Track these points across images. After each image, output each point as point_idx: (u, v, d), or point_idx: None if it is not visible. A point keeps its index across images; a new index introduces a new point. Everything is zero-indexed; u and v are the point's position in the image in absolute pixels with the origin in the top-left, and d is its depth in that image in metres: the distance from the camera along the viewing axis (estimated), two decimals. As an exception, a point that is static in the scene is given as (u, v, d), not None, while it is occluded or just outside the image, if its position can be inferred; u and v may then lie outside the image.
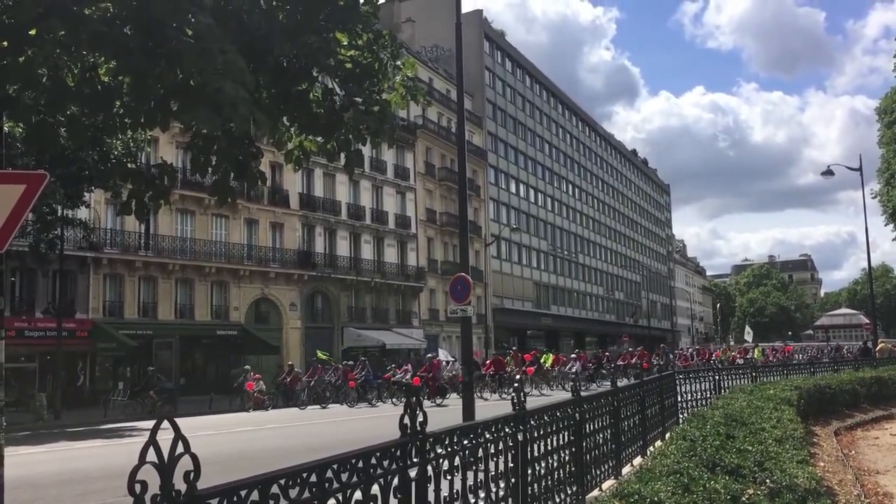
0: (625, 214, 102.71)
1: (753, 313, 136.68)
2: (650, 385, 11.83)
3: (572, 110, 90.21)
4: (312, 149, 6.35)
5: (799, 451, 6.94)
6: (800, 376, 20.78)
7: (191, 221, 38.83)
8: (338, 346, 45.49)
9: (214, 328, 38.72)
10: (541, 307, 72.97)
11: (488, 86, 68.57)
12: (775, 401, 11.53)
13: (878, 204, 39.90)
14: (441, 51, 64.27)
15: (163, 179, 5.96)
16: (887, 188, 37.84)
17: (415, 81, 7.09)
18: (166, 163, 6.64)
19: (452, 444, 4.60)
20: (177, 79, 4.89)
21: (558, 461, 6.76)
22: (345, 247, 47.81)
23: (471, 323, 15.75)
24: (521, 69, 77.29)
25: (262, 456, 13.51)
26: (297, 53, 5.29)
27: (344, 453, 3.53)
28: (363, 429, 18.60)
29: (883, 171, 38.90)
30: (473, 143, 61.95)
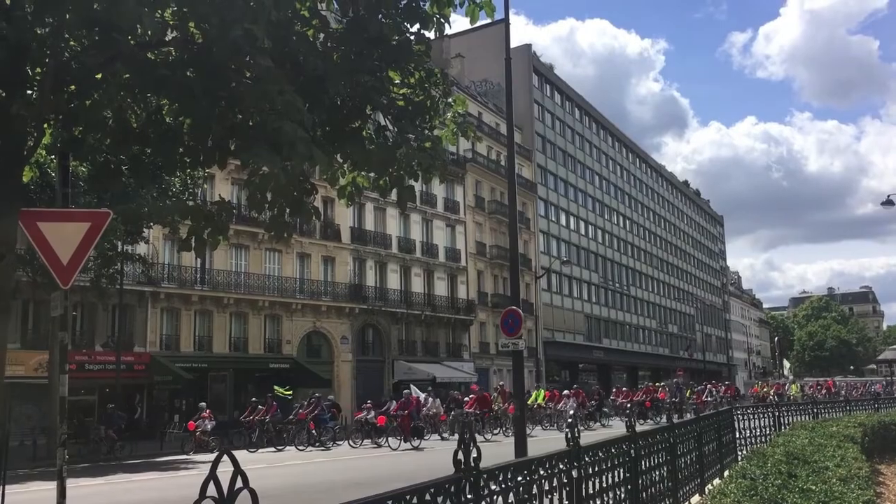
0: (677, 246, 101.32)
1: (813, 347, 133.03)
2: (707, 421, 11.57)
3: (622, 142, 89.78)
4: (365, 185, 6.44)
5: (865, 490, 6.71)
6: (863, 413, 20.11)
7: (245, 256, 39.50)
8: (388, 379, 45.53)
9: (267, 361, 39.13)
10: (592, 340, 72.10)
11: (537, 119, 68.73)
12: (838, 438, 11.16)
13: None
14: (490, 85, 64.75)
15: (221, 216, 6.10)
16: (951, 217, 36.74)
17: (465, 117, 7.16)
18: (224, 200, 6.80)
19: (507, 481, 4.56)
20: (236, 119, 5.03)
21: (614, 499, 6.64)
22: (395, 280, 48.04)
23: (522, 356, 15.63)
24: (570, 101, 77.35)
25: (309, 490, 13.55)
26: (351, 93, 5.40)
27: (399, 489, 3.52)
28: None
29: (946, 200, 37.73)
30: (523, 175, 62.00)
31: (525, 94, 65.35)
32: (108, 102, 4.94)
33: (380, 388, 42.37)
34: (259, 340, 39.63)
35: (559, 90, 74.92)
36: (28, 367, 29.10)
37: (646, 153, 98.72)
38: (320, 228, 42.65)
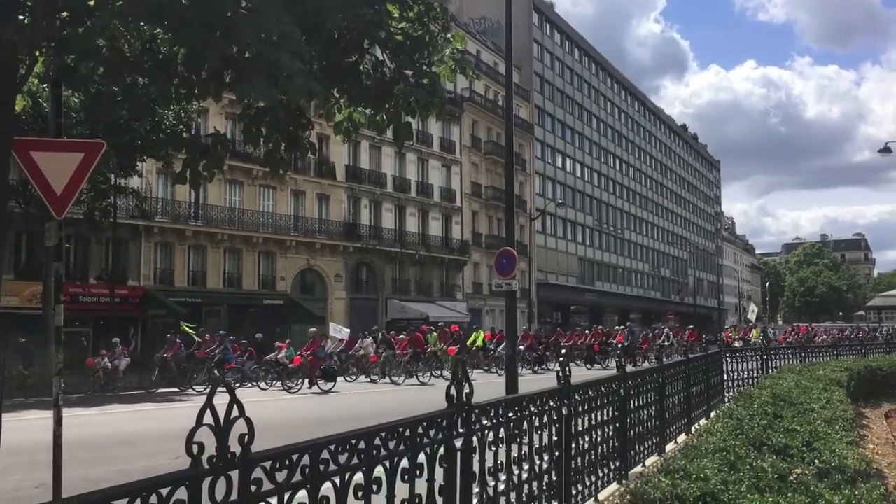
0: (673, 190, 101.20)
1: (804, 293, 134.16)
2: (696, 363, 11.75)
3: (621, 84, 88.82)
4: (361, 121, 6.37)
5: (849, 432, 6.85)
6: (850, 357, 20.43)
7: (239, 192, 39.36)
8: (382, 317, 45.88)
9: (261, 297, 39.35)
10: (585, 283, 72.57)
11: (536, 58, 67.82)
12: (825, 381, 11.35)
13: (938, 183, 38.73)
14: (489, 23, 63.69)
15: (216, 148, 6.05)
16: (948, 167, 36.70)
17: (464, 54, 7.06)
18: (219, 132, 6.74)
19: (497, 416, 4.65)
20: (232, 50, 4.94)
21: (602, 436, 6.79)
22: (390, 219, 48.03)
23: (515, 297, 15.74)
24: (570, 42, 76.24)
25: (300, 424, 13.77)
26: (348, 25, 5.29)
27: (392, 422, 3.59)
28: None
29: (944, 149, 37.63)
30: (520, 116, 61.46)
31: (524, 33, 64.31)
32: (101, 30, 4.84)
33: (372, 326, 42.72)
34: (253, 277, 39.78)
35: (559, 29, 73.77)
36: (22, 298, 29.24)
37: (644, 96, 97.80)
38: (315, 166, 42.41)
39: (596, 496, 6.42)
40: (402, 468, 3.58)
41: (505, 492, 4.65)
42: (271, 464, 2.79)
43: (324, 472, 3.05)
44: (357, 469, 3.26)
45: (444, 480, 3.92)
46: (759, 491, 4.18)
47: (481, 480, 4.32)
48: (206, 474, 2.50)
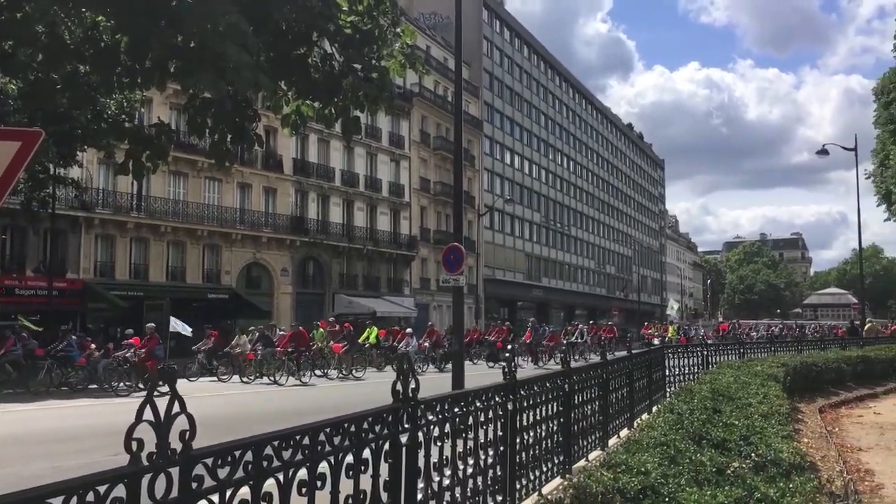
0: (618, 188, 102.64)
1: (743, 290, 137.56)
2: (639, 359, 11.94)
3: (569, 82, 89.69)
4: (309, 114, 6.32)
5: (784, 426, 7.04)
6: (787, 353, 21.00)
7: (184, 184, 38.67)
8: (329, 312, 45.58)
9: (206, 291, 38.74)
10: (532, 279, 73.16)
11: (486, 55, 68.05)
12: (762, 377, 11.66)
13: (872, 185, 40.01)
14: (439, 18, 63.67)
15: (160, 139, 5.93)
16: (881, 169, 37.90)
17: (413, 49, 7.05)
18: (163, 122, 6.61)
19: (444, 412, 4.66)
20: (176, 40, 4.84)
21: (547, 431, 6.85)
22: (338, 213, 47.73)
23: (462, 293, 15.81)
24: (520, 39, 76.67)
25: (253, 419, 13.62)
26: (297, 17, 5.24)
27: (337, 417, 3.57)
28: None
29: (878, 152, 38.90)
30: (469, 112, 61.63)
31: (474, 30, 64.48)
32: (40, 16, 4.70)
33: (320, 321, 42.45)
34: (197, 270, 39.15)
35: (509, 27, 74.13)
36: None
37: (592, 94, 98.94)
38: (262, 158, 41.90)
39: (540, 490, 6.48)
40: (346, 464, 3.57)
41: (450, 486, 4.67)
42: (213, 460, 2.75)
43: (267, 469, 3.02)
44: (301, 465, 3.24)
45: (389, 476, 3.92)
46: (698, 484, 4.27)
47: (426, 475, 4.33)
48: (145, 471, 2.45)
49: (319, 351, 26.66)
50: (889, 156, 36.52)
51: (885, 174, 36.97)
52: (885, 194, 37.40)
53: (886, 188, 36.88)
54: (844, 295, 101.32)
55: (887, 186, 36.65)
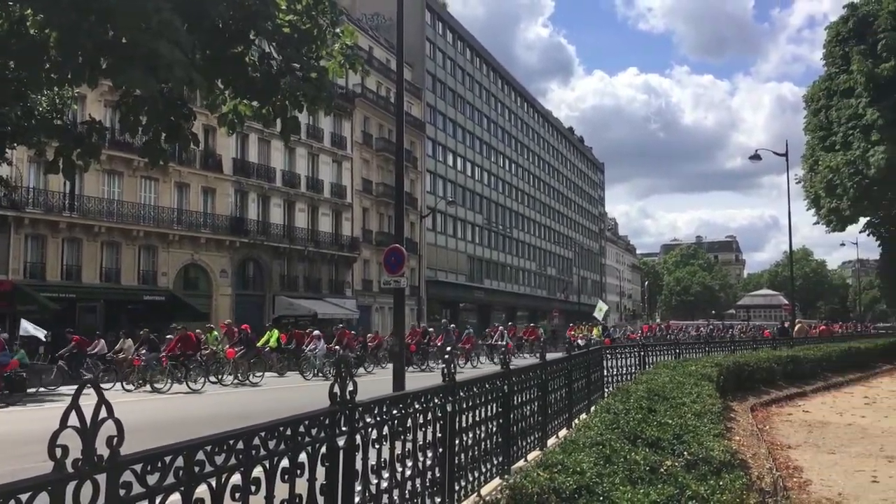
0: (559, 191, 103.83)
1: (680, 292, 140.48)
2: (578, 359, 12.07)
3: (511, 86, 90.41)
4: (247, 113, 6.23)
5: (716, 425, 7.21)
6: (720, 354, 21.52)
7: (119, 183, 37.75)
8: (269, 314, 45.07)
9: (141, 293, 37.88)
10: (474, 281, 73.50)
11: (429, 57, 68.15)
12: (696, 377, 11.92)
13: (802, 189, 41.35)
14: (382, 19, 63.53)
15: (91, 137, 5.78)
16: (810, 174, 39.18)
17: (354, 50, 7.01)
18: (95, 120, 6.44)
19: (382, 414, 4.64)
20: (107, 35, 4.72)
21: (486, 432, 6.88)
22: (278, 214, 47.19)
23: (404, 294, 15.78)
24: (462, 42, 77.00)
25: (190, 423, 13.37)
26: (233, 15, 5.16)
27: (272, 421, 3.53)
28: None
29: (807, 158, 40.23)
30: (412, 114, 61.63)
31: (417, 31, 64.54)
32: (-37, 9, 4.54)
33: (260, 323, 41.89)
34: (133, 271, 38.25)
35: (452, 29, 74.38)
36: None
37: (533, 98, 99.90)
38: (200, 158, 41.19)
39: (479, 491, 6.51)
40: (282, 468, 3.53)
41: (388, 489, 4.65)
42: (142, 466, 2.69)
43: (199, 474, 2.97)
44: (234, 470, 3.19)
45: (325, 479, 3.89)
46: (632, 483, 4.35)
47: (364, 478, 4.31)
48: (70, 478, 2.39)
49: (213, 355, 24.98)
50: (818, 161, 37.79)
51: (814, 179, 38.22)
52: (815, 199, 38.67)
53: (815, 193, 38.12)
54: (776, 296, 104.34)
55: (816, 191, 37.90)
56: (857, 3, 38.03)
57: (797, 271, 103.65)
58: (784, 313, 78.36)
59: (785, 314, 73.68)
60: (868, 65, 33.21)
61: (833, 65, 38.38)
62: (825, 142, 37.50)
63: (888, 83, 32.57)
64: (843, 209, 36.02)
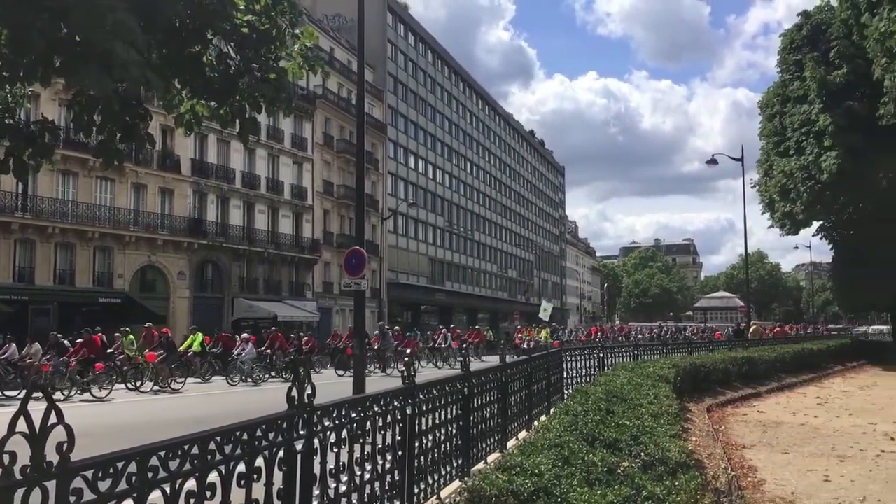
0: (520, 194, 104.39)
1: (639, 294, 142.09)
2: (538, 362, 12.14)
3: (473, 88, 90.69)
4: (205, 113, 6.15)
5: (672, 426, 7.31)
6: (678, 355, 21.82)
7: (73, 183, 37.02)
8: (228, 316, 44.59)
9: (96, 295, 37.18)
10: (435, 283, 73.52)
11: (390, 59, 68.05)
12: (654, 378, 12.07)
13: (757, 193, 42.11)
14: (343, 20, 63.31)
15: (44, 137, 5.66)
16: (765, 179, 39.93)
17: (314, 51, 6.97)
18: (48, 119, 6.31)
19: (340, 417, 4.62)
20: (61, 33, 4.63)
21: (446, 434, 6.88)
22: (238, 216, 46.69)
23: (364, 297, 15.72)
24: (424, 44, 77.04)
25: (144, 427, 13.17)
26: (191, 14, 5.09)
27: (228, 425, 3.49)
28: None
29: (762, 163, 41.00)
30: (373, 116, 61.48)
31: (379, 33, 64.42)
32: None
33: (219, 326, 41.41)
34: (88, 273, 37.54)
35: (413, 31, 74.38)
36: None
37: (494, 101, 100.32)
38: (158, 158, 40.59)
39: (438, 494, 6.51)
40: (238, 473, 3.50)
41: (346, 493, 4.63)
42: (93, 472, 2.65)
43: (152, 480, 2.93)
44: (189, 475, 3.16)
45: (283, 484, 3.86)
46: (589, 484, 4.38)
47: (322, 482, 4.29)
48: (18, 485, 2.34)
49: (128, 360, 23.45)
50: (773, 166, 38.52)
51: (769, 183, 38.95)
52: (769, 202, 39.41)
53: (770, 197, 38.85)
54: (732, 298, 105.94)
55: (771, 195, 38.62)
56: (810, 12, 38.89)
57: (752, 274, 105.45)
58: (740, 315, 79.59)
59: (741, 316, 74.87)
60: (821, 72, 33.95)
61: (787, 71, 39.17)
62: (779, 147, 38.24)
63: (840, 90, 33.35)
64: (797, 213, 36.75)
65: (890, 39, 24.00)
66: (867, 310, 59.29)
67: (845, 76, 33.04)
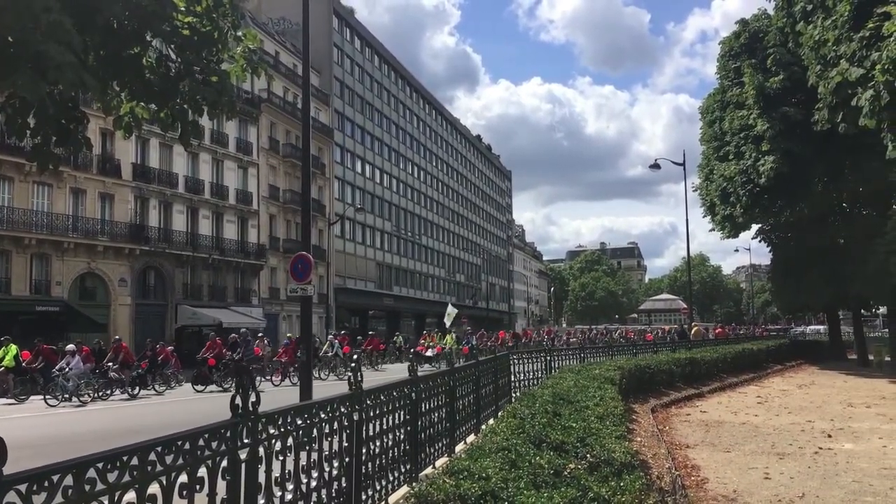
0: (467, 198, 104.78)
1: (585, 297, 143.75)
2: (485, 365, 12.17)
3: (419, 93, 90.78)
4: (145, 116, 6.02)
5: (618, 427, 7.40)
6: (623, 357, 22.11)
7: (8, 188, 35.93)
8: (171, 324, 43.75)
9: (34, 304, 36.13)
10: (383, 288, 73.29)
11: (336, 63, 67.71)
12: (599, 380, 12.20)
13: (698, 197, 42.97)
14: (289, 24, 62.77)
15: (-26, 141, 5.47)
16: (706, 183, 40.76)
17: (258, 54, 6.89)
18: (-21, 123, 6.10)
19: (286, 425, 4.57)
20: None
21: (394, 440, 6.85)
22: (181, 221, 45.86)
23: (311, 302, 15.58)
24: (370, 48, 76.85)
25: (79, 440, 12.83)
26: (129, 15, 4.98)
27: (169, 435, 3.42)
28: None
29: (703, 167, 41.85)
30: (319, 120, 61.07)
31: (324, 37, 64.08)
32: None
33: (161, 333, 40.59)
34: (24, 281, 36.45)
35: (359, 35, 74.14)
36: None
37: (441, 105, 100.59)
38: (98, 163, 39.66)
39: (386, 500, 6.47)
40: (180, 483, 3.43)
41: (292, 501, 4.58)
42: (27, 486, 2.57)
43: (89, 493, 2.85)
44: (129, 487, 3.08)
45: (227, 493, 3.80)
46: (536, 487, 4.40)
47: (267, 491, 4.23)
48: (-54, 502, 2.25)
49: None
50: (713, 170, 39.34)
51: (709, 187, 39.76)
52: (710, 206, 40.23)
53: (711, 200, 39.66)
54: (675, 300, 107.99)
55: (711, 199, 39.43)
56: (748, 20, 39.86)
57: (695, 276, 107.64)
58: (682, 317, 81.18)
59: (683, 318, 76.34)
60: (758, 78, 34.80)
61: (726, 78, 40.06)
62: (719, 152, 39.08)
63: (777, 96, 34.22)
64: (737, 216, 37.56)
65: (823, 47, 24.73)
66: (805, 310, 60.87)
67: (782, 83, 33.93)
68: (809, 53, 26.59)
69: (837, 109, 24.67)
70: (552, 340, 47.46)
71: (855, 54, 22.46)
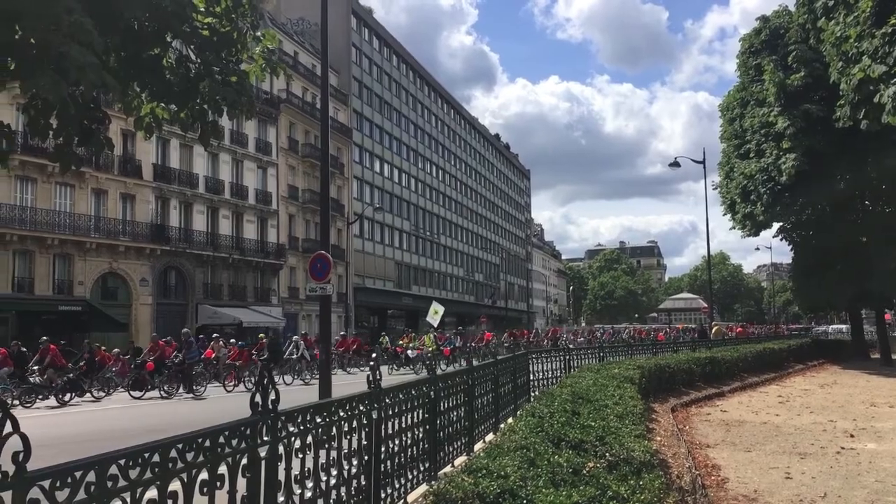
0: (486, 197, 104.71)
1: (604, 296, 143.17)
2: (504, 364, 12.16)
3: (437, 92, 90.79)
4: (165, 117, 6.07)
5: (637, 426, 7.36)
6: (643, 356, 22.01)
7: (32, 189, 36.34)
8: (192, 323, 44.05)
9: (56, 303, 36.53)
10: (402, 287, 73.40)
11: (355, 63, 67.89)
12: (619, 379, 12.15)
13: (718, 195, 42.70)
14: (307, 24, 63.02)
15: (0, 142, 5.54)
16: (726, 181, 40.49)
17: (277, 54, 6.92)
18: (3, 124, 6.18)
19: (305, 423, 4.58)
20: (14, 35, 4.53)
21: (412, 438, 6.85)
22: (202, 221, 46.19)
23: (330, 302, 15.64)
24: (388, 48, 76.98)
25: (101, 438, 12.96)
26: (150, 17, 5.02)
27: (190, 433, 3.45)
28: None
29: (723, 165, 41.57)
30: (338, 120, 61.25)
31: (343, 37, 64.26)
32: None
33: (182, 333, 40.87)
34: (47, 281, 36.86)
35: (378, 35, 74.28)
36: None
37: (459, 104, 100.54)
38: (119, 163, 40.03)
39: (405, 498, 6.48)
40: (201, 480, 3.45)
41: (312, 499, 4.59)
42: (51, 482, 2.60)
43: (112, 489, 2.88)
44: (150, 484, 3.11)
45: (246, 491, 3.82)
46: (555, 485, 4.39)
47: (287, 489, 4.24)
48: (-29, 498, 2.28)
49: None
50: (734, 168, 39.06)
51: (729, 185, 39.47)
52: (730, 204, 39.92)
53: (731, 198, 39.36)
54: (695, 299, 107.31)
55: (732, 197, 39.13)
56: (769, 16, 39.54)
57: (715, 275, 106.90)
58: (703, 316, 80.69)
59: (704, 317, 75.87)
60: (779, 75, 34.51)
61: (746, 75, 39.77)
62: (740, 149, 38.81)
63: (798, 93, 33.92)
64: (758, 215, 37.26)
65: (845, 43, 24.48)
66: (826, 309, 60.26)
67: (803, 79, 33.63)
68: (831, 50, 26.34)
69: (859, 106, 24.39)
70: (555, 341, 46.91)
71: (877, 51, 22.21)
